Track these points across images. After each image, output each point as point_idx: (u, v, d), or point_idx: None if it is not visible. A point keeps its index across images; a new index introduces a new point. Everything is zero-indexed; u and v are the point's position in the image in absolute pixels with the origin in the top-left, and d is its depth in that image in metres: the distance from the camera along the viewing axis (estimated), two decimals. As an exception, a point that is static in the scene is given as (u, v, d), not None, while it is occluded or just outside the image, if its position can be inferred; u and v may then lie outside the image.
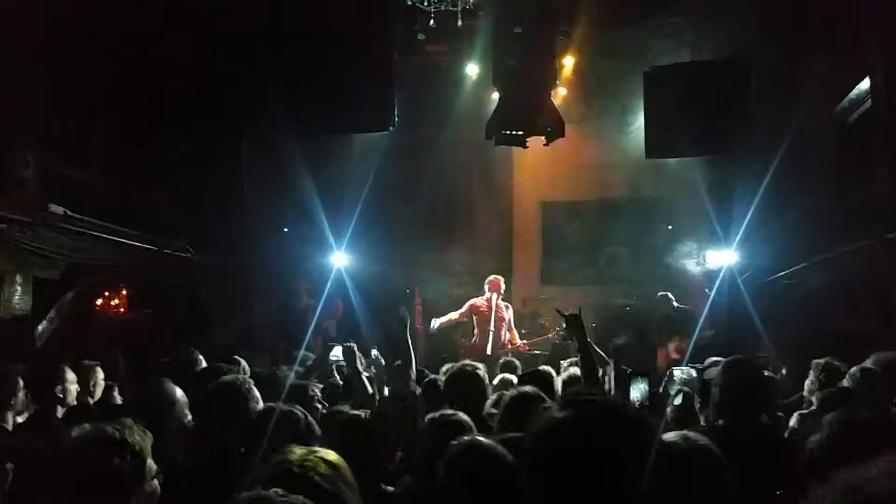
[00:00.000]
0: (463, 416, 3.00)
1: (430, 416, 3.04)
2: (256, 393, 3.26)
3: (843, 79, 7.89)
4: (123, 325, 8.86)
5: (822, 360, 4.71)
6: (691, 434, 2.15)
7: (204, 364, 4.78)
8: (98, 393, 4.76)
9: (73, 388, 4.48)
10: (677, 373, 4.84)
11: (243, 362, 4.86)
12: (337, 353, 4.42)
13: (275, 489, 1.61)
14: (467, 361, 4.34)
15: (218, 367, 4.30)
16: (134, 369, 5.80)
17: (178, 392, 3.33)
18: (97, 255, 6.64)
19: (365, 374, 4.37)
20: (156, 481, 2.26)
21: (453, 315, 9.90)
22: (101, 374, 4.79)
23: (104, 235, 6.56)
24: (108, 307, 9.15)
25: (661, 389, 4.56)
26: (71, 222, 6.24)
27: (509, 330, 9.82)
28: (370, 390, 4.10)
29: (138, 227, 7.09)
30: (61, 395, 4.32)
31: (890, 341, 6.34)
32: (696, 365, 5.48)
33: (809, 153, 8.79)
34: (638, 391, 3.61)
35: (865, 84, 7.21)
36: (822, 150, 8.72)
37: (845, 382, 4.18)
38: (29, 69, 5.98)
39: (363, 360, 4.41)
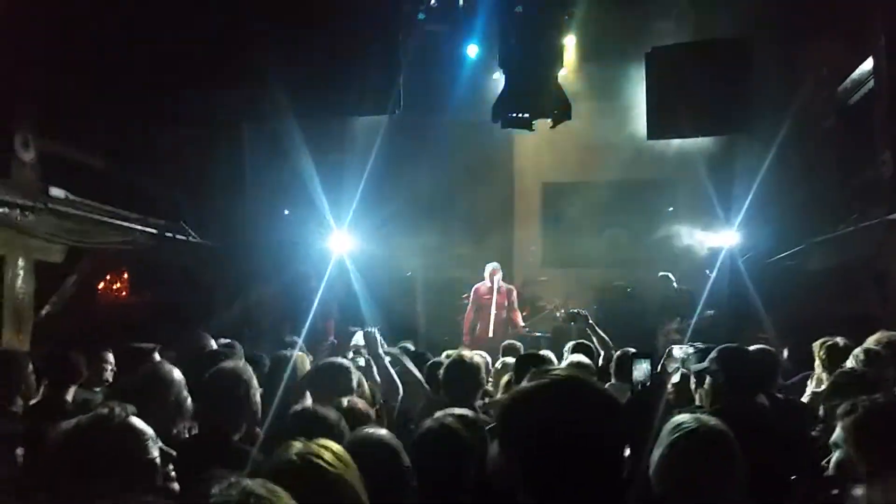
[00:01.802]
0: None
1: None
2: (255, 382, 3.27)
3: (845, 60, 7.85)
4: (126, 309, 8.88)
5: (822, 340, 4.74)
6: (703, 416, 2.17)
7: (214, 346, 4.83)
8: (109, 377, 4.78)
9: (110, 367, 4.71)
10: (676, 351, 4.87)
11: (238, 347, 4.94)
12: (358, 338, 4.43)
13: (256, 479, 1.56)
14: (465, 351, 4.35)
15: (217, 353, 4.34)
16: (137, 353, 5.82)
17: (176, 373, 3.35)
18: (99, 239, 6.64)
19: (388, 359, 4.38)
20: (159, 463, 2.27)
21: (469, 314, 9.97)
22: (111, 358, 4.82)
23: (106, 219, 6.56)
24: (110, 291, 9.17)
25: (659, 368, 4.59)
26: (72, 205, 6.24)
27: (512, 312, 9.87)
28: (396, 380, 4.10)
29: (140, 211, 7.09)
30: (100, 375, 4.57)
31: (888, 321, 6.39)
32: (695, 343, 5.51)
33: (811, 134, 8.78)
34: (640, 371, 3.63)
35: (868, 65, 7.18)
36: (824, 131, 8.71)
37: (849, 363, 4.20)
38: (29, 51, 5.95)
39: (384, 345, 4.42)
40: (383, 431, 2.55)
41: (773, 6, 8.23)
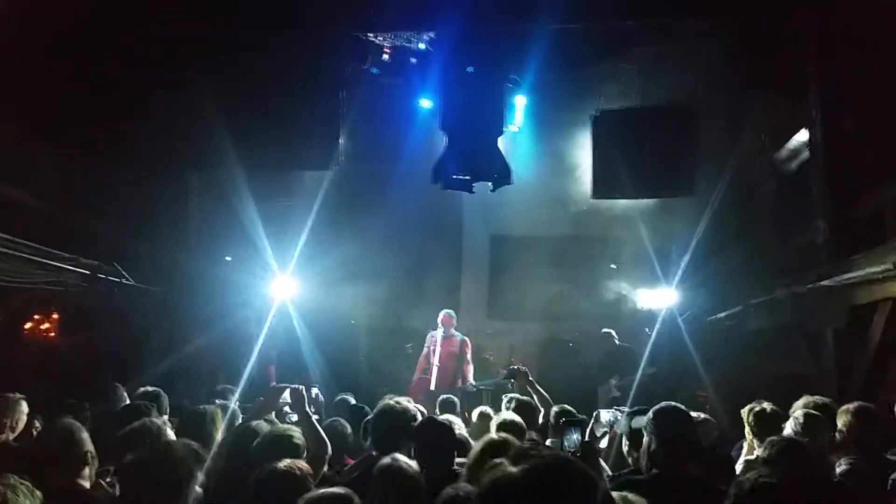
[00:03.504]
0: None
1: None
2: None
3: (782, 128, 8.20)
4: (54, 350, 8.49)
5: (750, 407, 4.78)
6: (631, 496, 2.14)
7: (126, 400, 4.64)
8: (20, 427, 4.52)
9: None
10: (604, 415, 4.88)
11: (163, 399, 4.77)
12: (286, 396, 4.28)
13: None
14: (393, 399, 4.24)
15: (136, 407, 4.18)
16: (58, 400, 5.56)
17: (84, 434, 3.23)
18: (27, 278, 6.36)
19: (315, 418, 4.23)
20: None
21: (422, 361, 9.71)
22: (24, 408, 4.57)
23: (34, 257, 6.30)
24: (37, 331, 8.77)
25: (588, 429, 4.57)
26: (0, 243, 5.98)
27: (464, 364, 9.58)
28: (324, 437, 3.95)
29: (76, 253, 6.85)
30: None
31: (821, 382, 6.56)
32: (620, 408, 5.55)
33: (749, 198, 9.09)
34: (570, 441, 3.59)
35: (803, 136, 7.50)
36: (762, 196, 9.02)
37: (787, 427, 4.24)
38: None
39: (312, 406, 4.28)
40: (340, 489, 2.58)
41: (717, 75, 8.58)
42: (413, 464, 3.31)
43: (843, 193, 6.70)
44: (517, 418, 4.66)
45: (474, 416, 5.84)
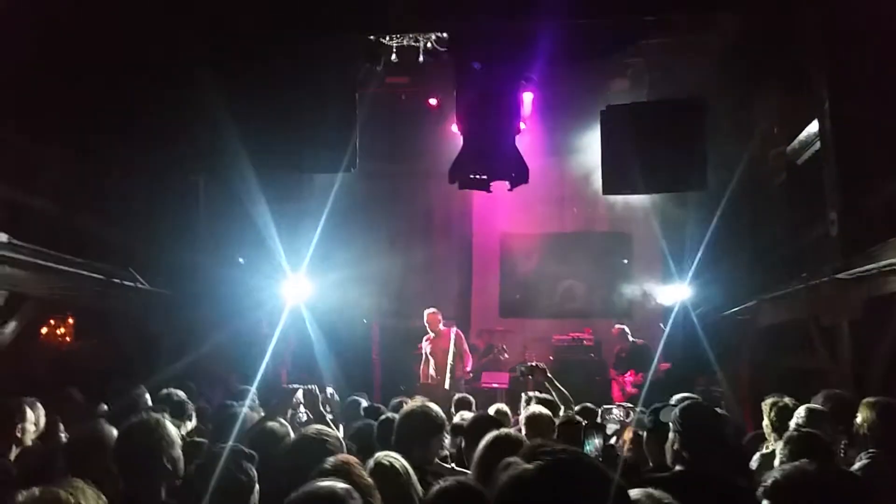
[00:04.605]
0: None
1: None
2: (174, 452, 3.03)
3: (793, 120, 8.13)
4: (69, 356, 8.55)
5: (770, 400, 4.76)
6: (656, 493, 2.13)
7: (149, 402, 4.64)
8: (31, 431, 4.53)
9: (31, 427, 4.41)
10: (615, 410, 4.89)
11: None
12: (299, 395, 4.28)
13: None
14: (420, 403, 4.24)
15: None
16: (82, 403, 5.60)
17: (115, 434, 3.17)
18: (42, 285, 6.40)
19: (329, 417, 4.24)
20: None
21: (422, 367, 9.73)
22: (42, 411, 4.59)
23: (49, 264, 6.33)
24: (53, 336, 8.84)
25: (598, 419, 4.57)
26: (15, 250, 6.02)
27: (460, 355, 9.60)
28: (340, 436, 3.94)
29: (88, 257, 6.88)
30: (19, 435, 4.25)
31: (837, 376, 6.50)
32: (624, 404, 5.55)
33: (761, 191, 9.02)
34: (591, 446, 3.58)
35: (814, 127, 7.43)
36: (774, 189, 8.96)
37: (793, 422, 4.23)
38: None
39: (328, 406, 4.28)
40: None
41: (726, 68, 8.52)
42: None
43: (856, 184, 6.63)
44: (546, 412, 4.68)
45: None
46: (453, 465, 4.08)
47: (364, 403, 6.27)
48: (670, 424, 3.45)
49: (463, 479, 2.69)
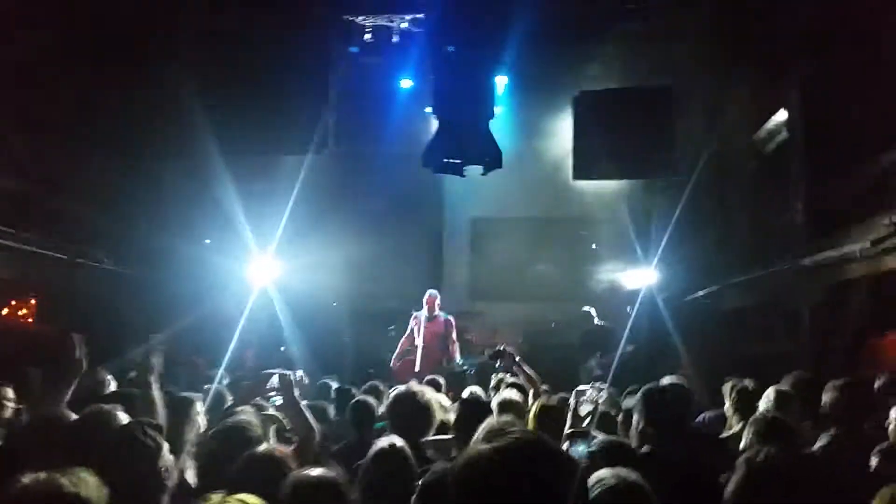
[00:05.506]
0: None
1: None
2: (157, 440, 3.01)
3: (761, 109, 8.26)
4: (32, 337, 8.38)
5: (731, 382, 4.87)
6: (622, 471, 2.18)
7: (112, 386, 4.58)
8: (6, 414, 4.46)
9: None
10: (589, 391, 4.95)
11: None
12: (273, 381, 4.25)
13: None
14: (414, 386, 4.27)
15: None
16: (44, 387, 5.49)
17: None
18: (2, 264, 6.28)
19: (304, 403, 4.21)
20: None
21: (404, 342, 9.59)
22: (10, 394, 4.50)
23: (8, 243, 6.20)
24: (14, 317, 8.65)
25: (570, 401, 4.62)
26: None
27: (450, 344, 9.53)
28: (312, 423, 3.92)
29: (53, 236, 6.75)
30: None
31: (799, 360, 6.68)
32: (597, 384, 5.61)
33: (727, 178, 9.17)
34: (576, 454, 3.61)
35: (782, 116, 7.56)
36: (740, 176, 9.11)
37: (761, 405, 4.33)
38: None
39: (297, 389, 4.25)
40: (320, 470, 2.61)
41: (696, 56, 8.60)
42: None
43: (821, 174, 6.78)
44: (517, 396, 4.72)
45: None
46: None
47: (335, 385, 6.27)
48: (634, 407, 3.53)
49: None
